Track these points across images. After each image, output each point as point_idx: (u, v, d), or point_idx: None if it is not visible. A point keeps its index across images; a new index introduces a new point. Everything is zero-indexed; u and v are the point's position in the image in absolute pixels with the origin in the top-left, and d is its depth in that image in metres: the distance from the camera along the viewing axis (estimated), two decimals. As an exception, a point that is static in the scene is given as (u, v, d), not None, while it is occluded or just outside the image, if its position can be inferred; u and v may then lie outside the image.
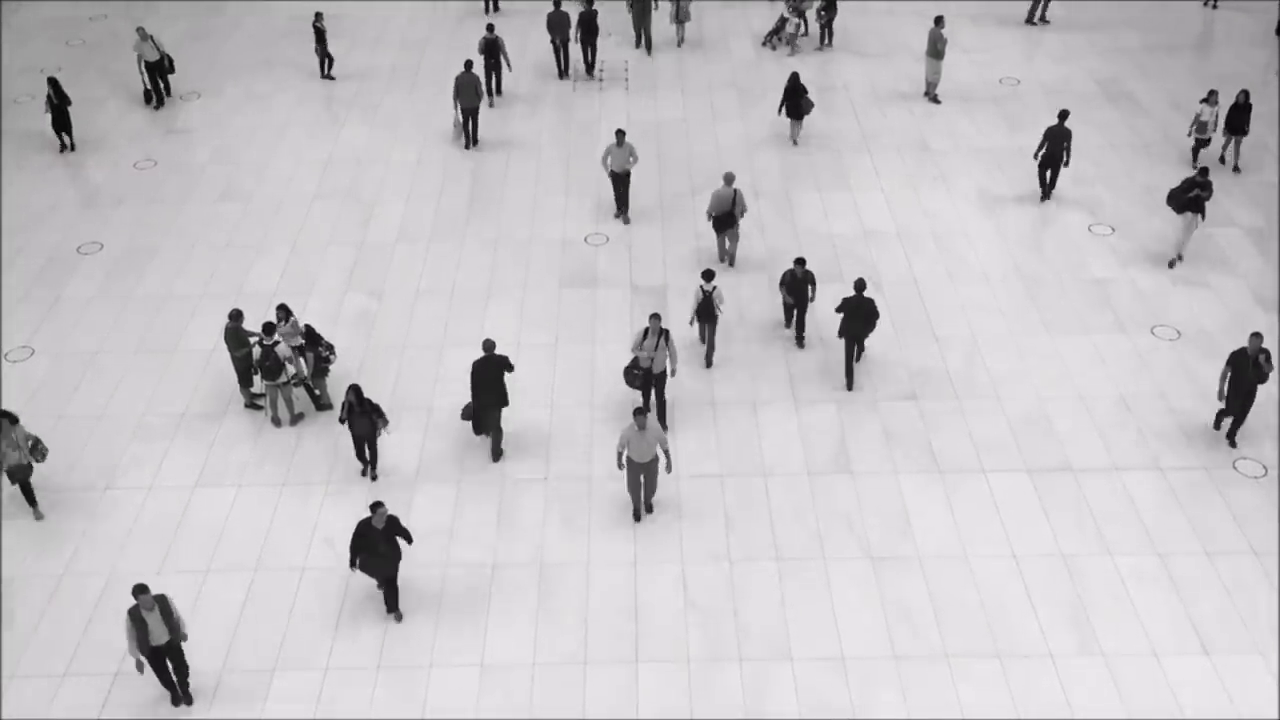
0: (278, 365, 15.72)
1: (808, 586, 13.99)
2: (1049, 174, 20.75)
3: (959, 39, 26.68)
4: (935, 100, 24.30)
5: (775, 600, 13.84)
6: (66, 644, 13.45)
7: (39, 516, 14.99)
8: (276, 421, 16.35)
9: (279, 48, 27.02)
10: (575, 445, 16.03)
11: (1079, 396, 16.74)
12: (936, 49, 23.60)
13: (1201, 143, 21.52)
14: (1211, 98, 20.99)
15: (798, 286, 17.24)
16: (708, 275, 16.74)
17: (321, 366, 16.29)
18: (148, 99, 24.19)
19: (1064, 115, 20.38)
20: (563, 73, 25.63)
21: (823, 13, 26.24)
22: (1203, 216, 18.85)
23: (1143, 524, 14.77)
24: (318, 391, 16.56)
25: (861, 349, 17.24)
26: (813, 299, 17.51)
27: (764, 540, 14.59)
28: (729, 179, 18.73)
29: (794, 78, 22.44)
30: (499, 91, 24.61)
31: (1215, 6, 28.33)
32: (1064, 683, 12.89)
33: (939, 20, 23.44)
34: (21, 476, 14.69)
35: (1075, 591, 13.90)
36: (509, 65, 24.26)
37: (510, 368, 15.46)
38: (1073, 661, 13.12)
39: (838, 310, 16.71)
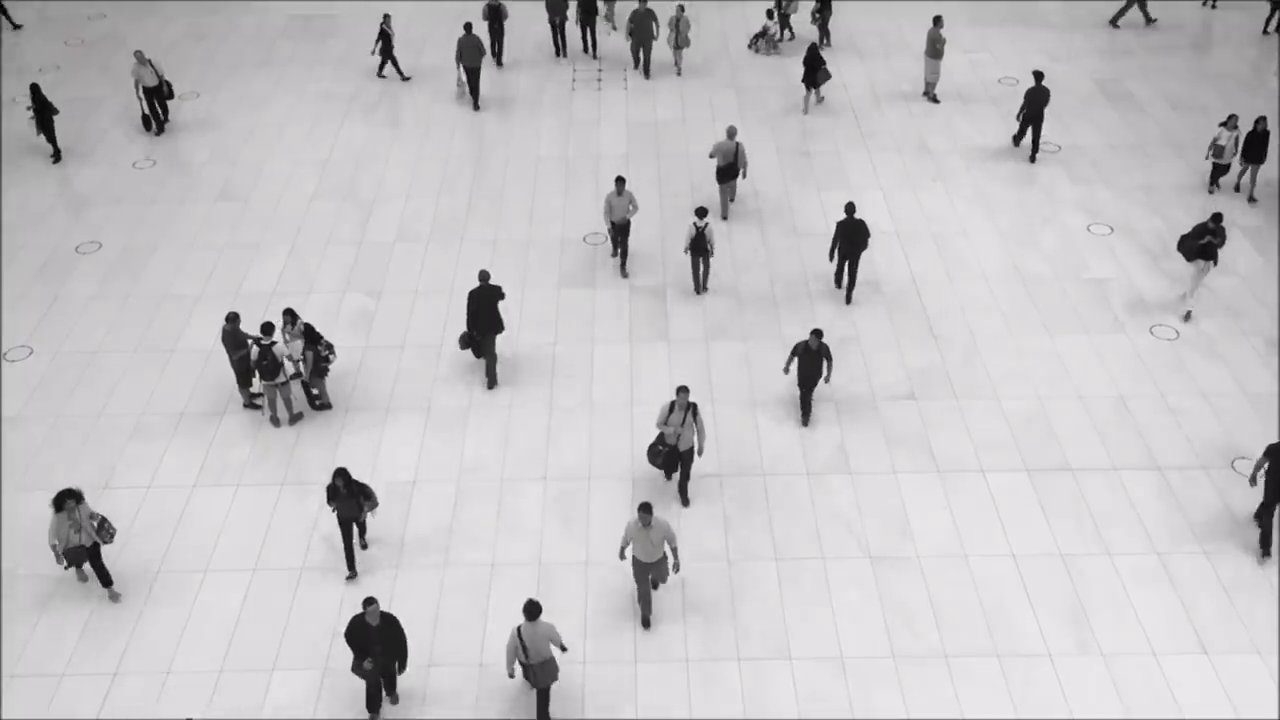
0: (275, 365, 15.70)
1: (807, 586, 13.99)
2: (1032, 134, 21.92)
3: (958, 39, 26.68)
4: (934, 100, 24.31)
5: (774, 600, 13.84)
6: (66, 644, 13.44)
7: (115, 597, 13.66)
8: (275, 421, 16.34)
9: (278, 47, 27.00)
10: (575, 445, 16.03)
11: (1078, 396, 16.74)
12: (935, 49, 23.60)
13: (1219, 168, 20.75)
14: (1230, 122, 20.24)
15: (811, 361, 15.55)
16: (700, 212, 17.92)
17: (321, 366, 16.28)
18: (146, 125, 23.29)
19: (1039, 76, 21.57)
20: (559, 51, 26.27)
21: (817, 14, 26.25)
22: (1215, 263, 17.71)
23: (1142, 523, 14.78)
24: (315, 391, 16.56)
25: (855, 269, 18.31)
26: (827, 378, 15.93)
27: (763, 540, 14.59)
28: (731, 132, 19.83)
29: (812, 48, 23.51)
30: (501, 59, 25.80)
31: (1214, 6, 28.33)
32: (1063, 682, 12.90)
33: (938, 20, 23.44)
34: (80, 559, 13.36)
35: (1074, 591, 13.91)
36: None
37: (502, 296, 16.49)
38: (1072, 661, 13.12)
39: (833, 238, 18.15)
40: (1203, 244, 17.55)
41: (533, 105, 24.38)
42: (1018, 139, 22.49)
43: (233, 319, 16.02)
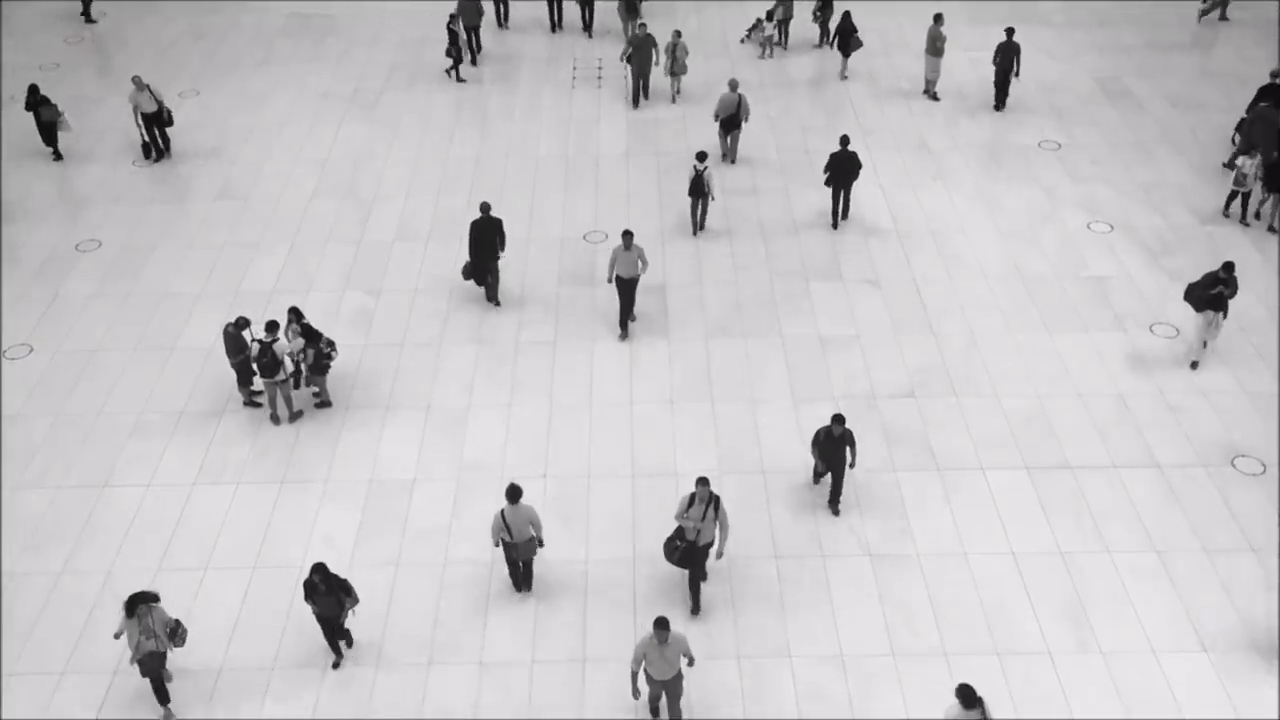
0: (275, 363, 15.70)
1: (806, 584, 13.99)
2: (1000, 86, 23.66)
3: (958, 37, 26.66)
4: (934, 98, 24.29)
5: (774, 598, 13.84)
6: (65, 642, 13.45)
7: (168, 717, 12.56)
8: (275, 419, 16.34)
9: (277, 46, 26.99)
10: (574, 444, 16.02)
11: (1078, 394, 16.74)
12: (936, 46, 23.59)
13: (1241, 195, 19.97)
14: (1253, 149, 19.75)
15: (833, 449, 14.43)
16: (700, 156, 19.25)
17: (323, 363, 16.27)
18: (146, 153, 22.29)
19: (1010, 31, 23.31)
20: (555, 26, 27.16)
21: (818, 13, 26.23)
22: (1225, 315, 16.68)
23: (1141, 522, 14.78)
24: (315, 389, 16.55)
25: (848, 199, 20.03)
26: (852, 465, 14.71)
27: (763, 538, 14.59)
28: (733, 85, 21.18)
29: (846, 16, 24.65)
30: (506, 19, 26.98)
31: (1225, 19, 27.74)
32: (1062, 680, 12.90)
33: (938, 18, 23.43)
34: (155, 668, 12.27)
35: (1074, 589, 13.91)
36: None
37: (502, 230, 17.80)
38: (1071, 659, 13.12)
39: (825, 169, 19.70)
40: (1213, 294, 16.52)
41: (533, 104, 24.37)
42: (999, 100, 23.71)
43: (240, 324, 15.97)
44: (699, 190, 19.36)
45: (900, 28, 27.37)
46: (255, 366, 15.88)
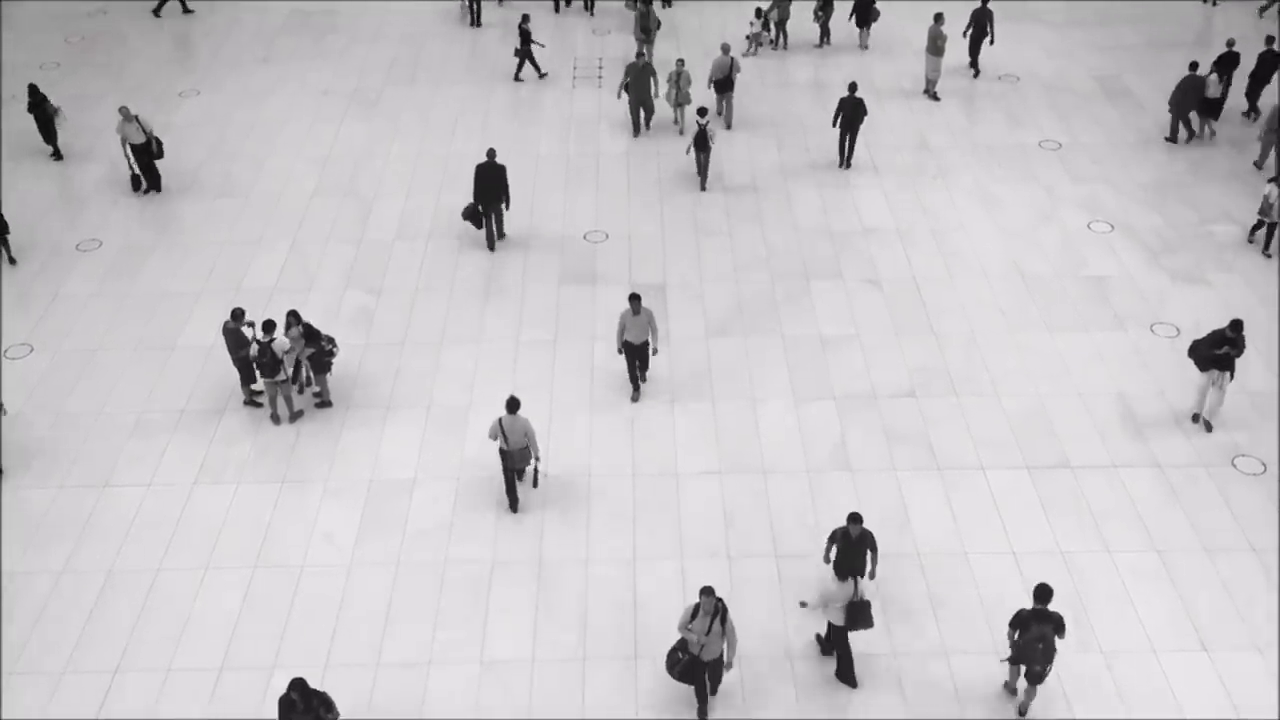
0: (275, 362, 15.70)
1: (807, 583, 13.99)
2: (972, 49, 24.75)
3: (959, 36, 26.64)
4: (935, 97, 24.28)
5: (774, 597, 13.84)
6: (66, 642, 13.45)
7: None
8: (276, 418, 16.34)
9: (278, 43, 26.97)
10: (575, 443, 16.02)
11: (1078, 394, 16.74)
12: (936, 46, 23.58)
13: (1268, 226, 19.11)
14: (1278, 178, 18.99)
15: (853, 555, 12.95)
16: (701, 112, 20.68)
17: (324, 361, 16.27)
18: (135, 185, 21.17)
19: None
20: (557, 7, 27.86)
21: (819, 12, 26.21)
22: (1231, 375, 15.67)
23: (1141, 521, 14.78)
24: (317, 389, 16.55)
25: (854, 140, 21.41)
26: (873, 573, 13.22)
27: (763, 537, 14.59)
28: (725, 49, 22.29)
29: None
30: None
31: (1215, 3, 28.26)
32: (1063, 680, 12.90)
33: (938, 17, 23.41)
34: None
35: (1074, 588, 13.91)
36: None
37: (505, 177, 18.73)
38: (1071, 658, 13.13)
39: (835, 113, 21.24)
40: (1219, 354, 15.49)
41: (533, 102, 24.36)
42: (974, 62, 24.88)
43: (237, 316, 16.00)
44: (703, 144, 20.71)
45: (901, 27, 27.33)
46: (255, 366, 15.87)
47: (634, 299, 15.90)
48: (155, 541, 14.67)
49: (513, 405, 14.29)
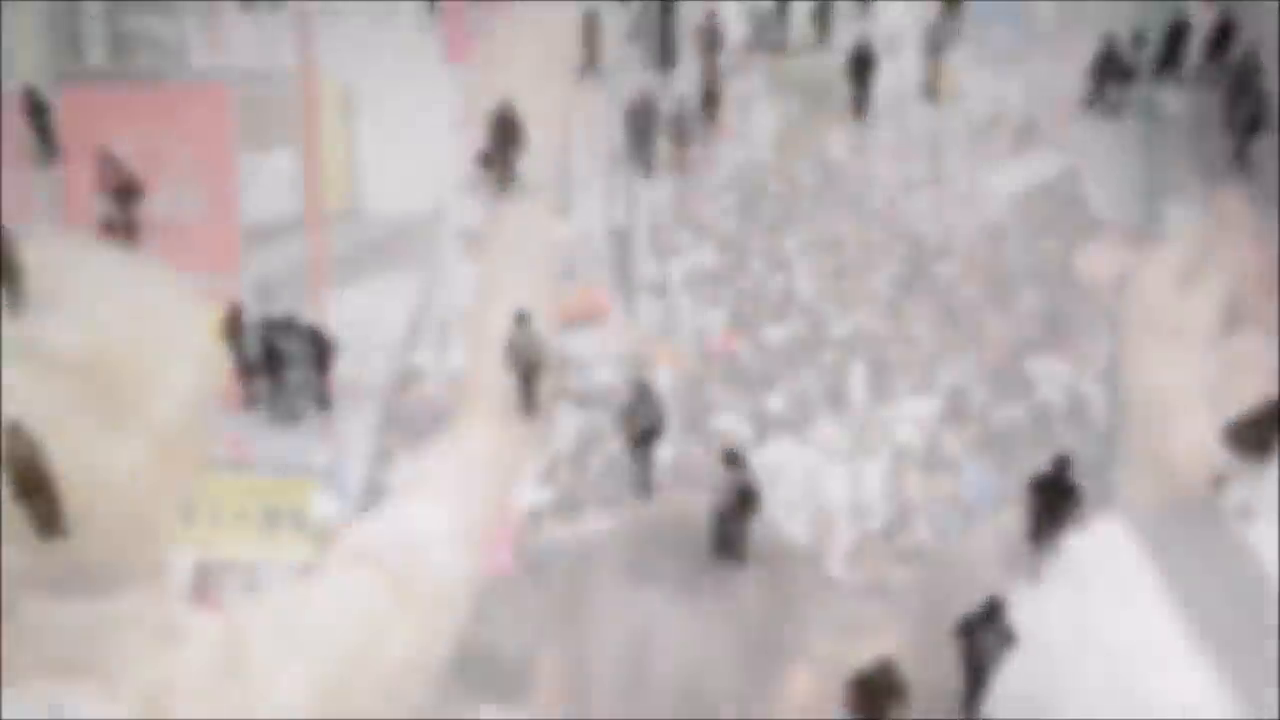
0: (275, 362, 15.69)
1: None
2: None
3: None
4: (934, 97, 24.21)
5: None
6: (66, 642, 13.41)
7: None
8: (276, 418, 16.32)
9: (277, 43, 26.89)
10: (574, 440, 16.02)
11: (1078, 393, 16.76)
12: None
13: None
14: None
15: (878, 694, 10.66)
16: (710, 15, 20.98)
17: (325, 360, 16.24)
18: (108, 228, 19.04)
19: None
20: None
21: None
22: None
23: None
24: (317, 390, 16.53)
25: (868, 92, 21.24)
26: None
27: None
28: (710, 14, 21.91)
29: None
30: None
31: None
32: (1062, 679, 12.89)
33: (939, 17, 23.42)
34: None
35: (1074, 588, 13.91)
36: None
37: (519, 123, 18.64)
38: (1071, 658, 13.12)
39: (849, 62, 20.92)
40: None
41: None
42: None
43: (235, 311, 15.99)
44: (712, 43, 21.37)
45: (901, 26, 27.27)
46: (255, 366, 15.87)
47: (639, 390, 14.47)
48: (155, 541, 14.62)
49: (521, 319, 14.85)
